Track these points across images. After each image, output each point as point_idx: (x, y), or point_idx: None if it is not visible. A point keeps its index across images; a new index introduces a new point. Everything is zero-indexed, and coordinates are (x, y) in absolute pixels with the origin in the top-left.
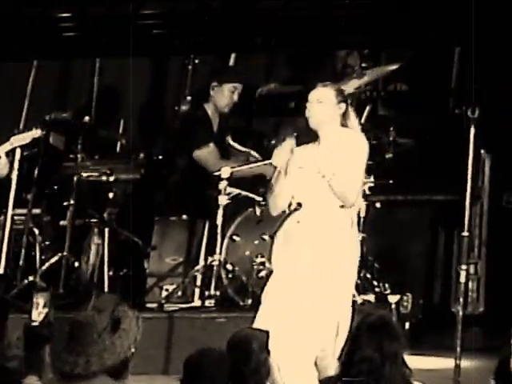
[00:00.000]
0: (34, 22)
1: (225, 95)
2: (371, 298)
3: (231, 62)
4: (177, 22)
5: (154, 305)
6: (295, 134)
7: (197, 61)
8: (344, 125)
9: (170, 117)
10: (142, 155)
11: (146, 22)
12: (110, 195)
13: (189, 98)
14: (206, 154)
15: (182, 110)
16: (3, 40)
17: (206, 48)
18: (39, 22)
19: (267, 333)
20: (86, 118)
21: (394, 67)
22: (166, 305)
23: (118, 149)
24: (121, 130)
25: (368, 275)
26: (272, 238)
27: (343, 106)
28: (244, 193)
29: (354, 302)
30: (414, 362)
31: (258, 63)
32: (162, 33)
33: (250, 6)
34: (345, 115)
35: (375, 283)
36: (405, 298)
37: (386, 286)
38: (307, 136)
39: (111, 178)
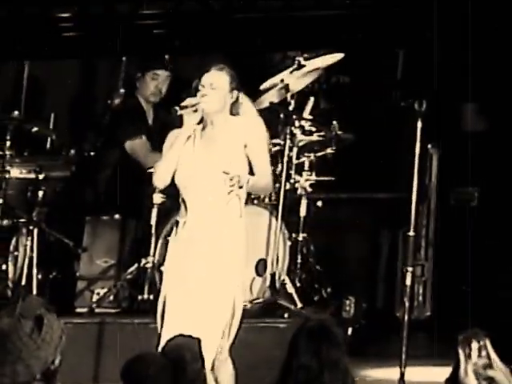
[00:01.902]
0: (34, 21)
1: (147, 84)
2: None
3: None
4: (177, 22)
5: (85, 309)
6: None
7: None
8: (234, 114)
9: (101, 110)
10: (72, 151)
11: (146, 22)
12: (40, 194)
13: (122, 90)
14: (138, 145)
15: (115, 104)
16: (3, 40)
17: (206, 48)
18: (39, 22)
19: (199, 340)
20: (15, 113)
21: (336, 58)
22: (97, 309)
23: (47, 145)
24: (51, 125)
25: (309, 278)
26: None
27: (235, 94)
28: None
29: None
30: (356, 369)
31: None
32: (162, 33)
33: (250, 6)
34: (235, 104)
35: (316, 286)
36: (347, 301)
37: (328, 289)
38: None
39: (41, 176)
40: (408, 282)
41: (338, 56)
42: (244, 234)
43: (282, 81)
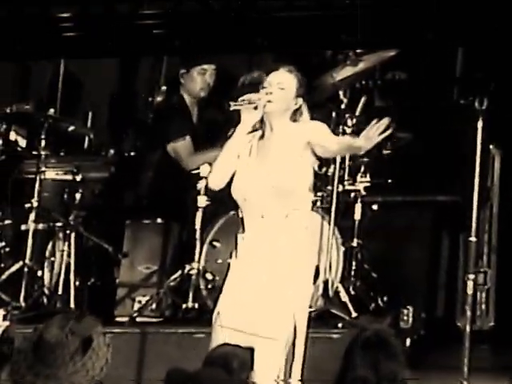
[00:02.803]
0: (34, 21)
1: (195, 79)
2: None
3: None
4: (177, 22)
5: (125, 318)
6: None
7: None
8: (295, 120)
9: (142, 109)
10: (111, 151)
11: (146, 22)
12: (77, 196)
13: (164, 87)
14: (181, 147)
15: (157, 101)
16: (3, 40)
17: (206, 48)
18: (39, 22)
19: (251, 350)
20: (51, 111)
21: (392, 53)
22: (139, 318)
23: (85, 145)
24: (89, 124)
25: (364, 286)
26: None
27: (300, 101)
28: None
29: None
30: (415, 383)
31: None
32: (162, 33)
33: (250, 6)
34: (296, 112)
35: (372, 294)
36: (405, 311)
37: (384, 297)
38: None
39: (78, 177)
40: (470, 290)
41: (393, 52)
42: (307, 246)
43: (332, 77)
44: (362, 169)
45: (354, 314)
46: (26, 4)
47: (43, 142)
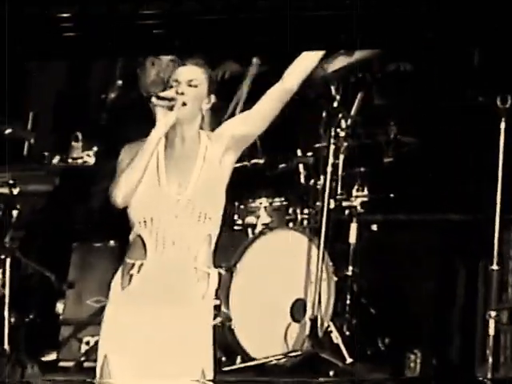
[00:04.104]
0: (34, 21)
1: (147, 71)
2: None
3: None
4: (177, 22)
5: (71, 363)
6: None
7: None
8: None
9: (94, 108)
10: (56, 159)
11: (146, 22)
12: (14, 213)
13: (119, 82)
14: None
15: (111, 99)
16: (2, 40)
17: (205, 48)
18: (39, 22)
19: None
20: None
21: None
22: (87, 363)
23: (24, 151)
24: (29, 126)
25: (360, 324)
26: (230, 271)
27: (213, 98)
28: None
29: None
30: None
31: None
32: (162, 33)
33: (250, 6)
34: (207, 113)
35: (370, 335)
36: (412, 356)
37: (386, 339)
38: None
39: (15, 191)
40: (492, 330)
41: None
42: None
43: (323, 68)
44: (359, 180)
45: (348, 360)
46: (26, 4)
47: None
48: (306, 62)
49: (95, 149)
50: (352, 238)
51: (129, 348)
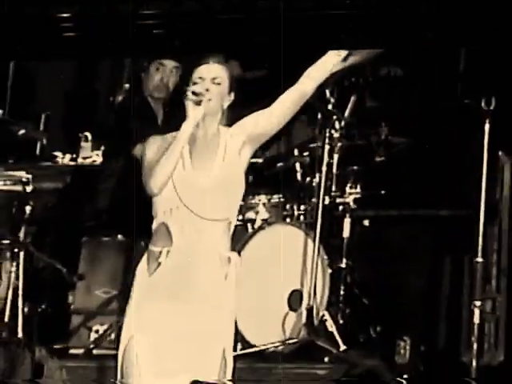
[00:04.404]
0: (34, 21)
1: (151, 76)
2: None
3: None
4: (177, 22)
5: (81, 350)
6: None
7: None
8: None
9: (102, 110)
10: (66, 159)
11: (146, 22)
12: (27, 209)
13: (126, 85)
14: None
15: (118, 101)
16: (3, 40)
17: (206, 48)
18: (39, 22)
19: None
20: None
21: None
22: (96, 350)
23: (37, 151)
24: (41, 127)
25: (354, 314)
26: None
27: (232, 96)
28: None
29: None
30: None
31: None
32: (162, 33)
33: (250, 6)
34: (225, 110)
35: (363, 324)
36: (401, 343)
37: (377, 327)
38: None
39: (28, 188)
40: (476, 319)
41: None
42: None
43: None
44: (352, 178)
45: (342, 347)
46: (26, 4)
47: None
48: (326, 65)
49: (103, 148)
50: (345, 233)
51: (156, 330)
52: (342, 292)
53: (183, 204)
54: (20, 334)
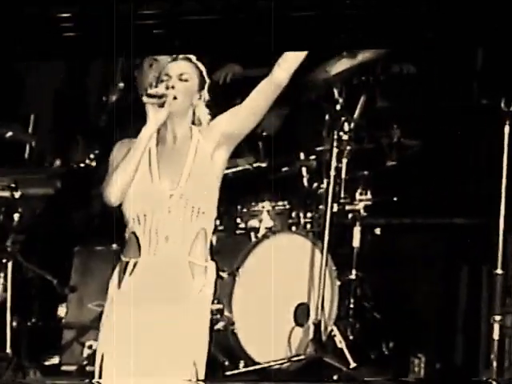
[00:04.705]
0: (34, 21)
1: (145, 73)
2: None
3: None
4: (177, 22)
5: (73, 367)
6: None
7: None
8: (194, 122)
9: (95, 110)
10: (57, 162)
11: (146, 22)
12: (15, 217)
13: (121, 84)
14: None
15: (112, 101)
16: (3, 40)
17: (205, 48)
18: (39, 22)
19: None
20: None
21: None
22: (89, 367)
23: (25, 154)
24: (30, 129)
25: (364, 329)
26: (233, 275)
27: (204, 95)
28: None
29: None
30: None
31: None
32: (162, 33)
33: (250, 6)
34: (197, 109)
35: (374, 339)
36: (416, 360)
37: (390, 343)
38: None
39: (16, 194)
40: (496, 335)
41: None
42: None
43: (326, 71)
44: (362, 184)
45: (352, 364)
46: (26, 4)
47: None
48: (296, 54)
49: (96, 152)
50: (355, 242)
51: (125, 346)
52: (351, 305)
53: (151, 213)
54: (8, 350)
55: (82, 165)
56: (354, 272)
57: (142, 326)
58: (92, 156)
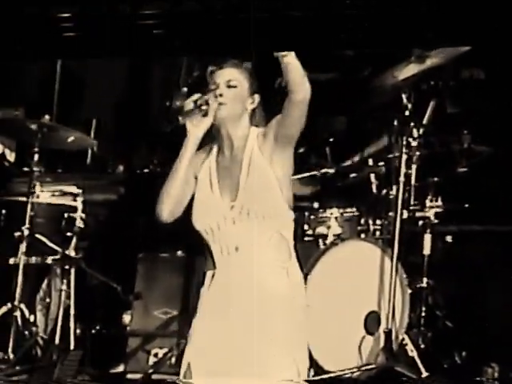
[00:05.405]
0: (34, 21)
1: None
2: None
3: None
4: (177, 22)
5: (139, 375)
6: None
7: None
8: (252, 123)
9: (159, 116)
10: (120, 168)
11: (146, 22)
12: (78, 223)
13: (184, 89)
14: None
15: (176, 107)
16: (3, 40)
17: (206, 48)
18: (39, 22)
19: None
20: (46, 118)
21: (467, 47)
22: (155, 375)
23: (88, 160)
24: (92, 134)
25: (436, 337)
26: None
27: (257, 98)
28: None
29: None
30: None
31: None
32: (162, 33)
33: (250, 6)
34: (254, 113)
35: (446, 348)
36: (489, 370)
37: (463, 352)
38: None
39: (79, 200)
40: None
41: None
42: (297, 275)
43: (393, 76)
44: (432, 190)
45: (424, 374)
46: (26, 4)
47: (36, 156)
48: (295, 64)
49: (159, 157)
50: (426, 250)
51: (213, 356)
52: (422, 314)
53: (216, 225)
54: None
55: (146, 170)
56: (425, 280)
57: (229, 334)
58: (156, 161)
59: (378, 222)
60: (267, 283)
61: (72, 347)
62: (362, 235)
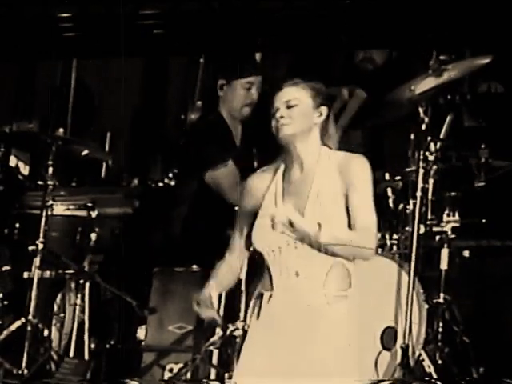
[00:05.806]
0: (34, 22)
1: (237, 94)
2: None
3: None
4: (177, 22)
5: None
6: None
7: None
8: (323, 140)
9: (173, 129)
10: (135, 182)
11: (146, 22)
12: (92, 236)
13: (199, 102)
14: (222, 175)
15: (191, 119)
16: (3, 40)
17: (206, 48)
18: (39, 22)
19: None
20: (60, 131)
21: (486, 61)
22: None
23: (102, 173)
24: (107, 147)
25: (454, 353)
26: None
27: (324, 110)
28: None
29: None
30: None
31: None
32: (162, 33)
33: (250, 6)
34: (326, 124)
35: (464, 364)
36: None
37: (481, 368)
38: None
39: (93, 213)
40: None
41: (487, 59)
42: (349, 319)
43: (410, 90)
44: (450, 205)
45: None
46: (26, 4)
47: (50, 170)
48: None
49: (175, 171)
50: (443, 265)
51: (264, 379)
52: (440, 329)
53: (278, 249)
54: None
55: (161, 184)
56: (442, 295)
57: (281, 357)
58: (171, 175)
59: (395, 236)
60: (325, 311)
61: (86, 362)
62: (379, 250)
